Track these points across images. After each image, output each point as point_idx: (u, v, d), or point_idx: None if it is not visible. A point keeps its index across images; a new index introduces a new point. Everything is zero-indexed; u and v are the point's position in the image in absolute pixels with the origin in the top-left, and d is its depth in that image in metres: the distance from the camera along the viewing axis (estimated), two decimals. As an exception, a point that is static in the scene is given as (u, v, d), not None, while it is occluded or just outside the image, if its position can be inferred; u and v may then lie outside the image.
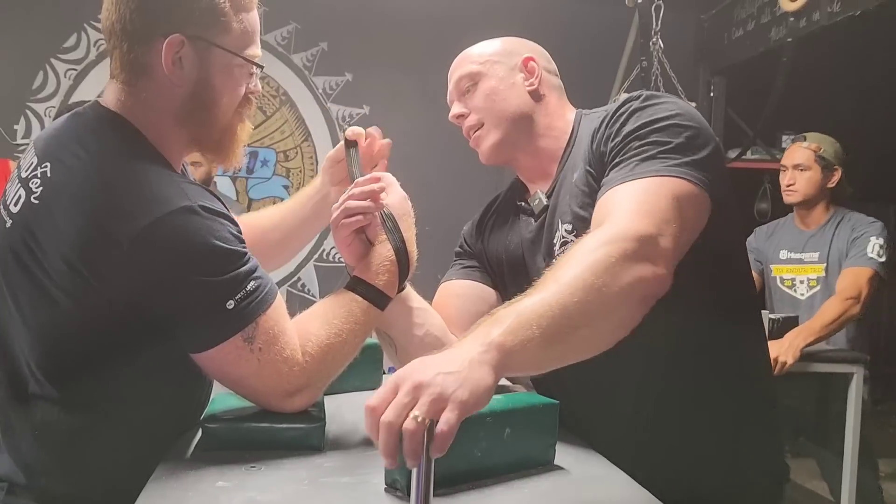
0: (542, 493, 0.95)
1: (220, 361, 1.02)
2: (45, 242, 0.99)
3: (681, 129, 1.08)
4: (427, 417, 0.72)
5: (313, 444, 1.06)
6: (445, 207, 1.51)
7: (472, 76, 1.30)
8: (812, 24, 2.95)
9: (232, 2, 1.07)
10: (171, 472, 0.97)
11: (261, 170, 3.72)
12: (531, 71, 1.30)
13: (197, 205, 0.99)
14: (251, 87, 1.15)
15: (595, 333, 0.87)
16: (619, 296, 0.87)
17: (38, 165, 1.04)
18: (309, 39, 3.68)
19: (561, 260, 0.91)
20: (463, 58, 1.33)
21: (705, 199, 1.04)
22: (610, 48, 3.58)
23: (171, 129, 1.09)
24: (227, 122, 1.13)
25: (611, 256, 0.88)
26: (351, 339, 1.09)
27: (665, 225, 0.96)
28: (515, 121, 1.28)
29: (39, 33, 3.46)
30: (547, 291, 0.85)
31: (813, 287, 2.84)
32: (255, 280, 1.02)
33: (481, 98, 1.29)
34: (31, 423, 1.04)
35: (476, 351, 0.79)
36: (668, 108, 1.12)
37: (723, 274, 1.16)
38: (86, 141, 1.04)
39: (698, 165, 1.05)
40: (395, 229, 1.15)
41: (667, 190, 1.01)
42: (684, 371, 1.16)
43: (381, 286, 1.13)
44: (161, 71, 1.05)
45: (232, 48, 1.09)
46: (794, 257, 2.90)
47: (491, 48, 1.32)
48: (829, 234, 2.82)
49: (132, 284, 0.97)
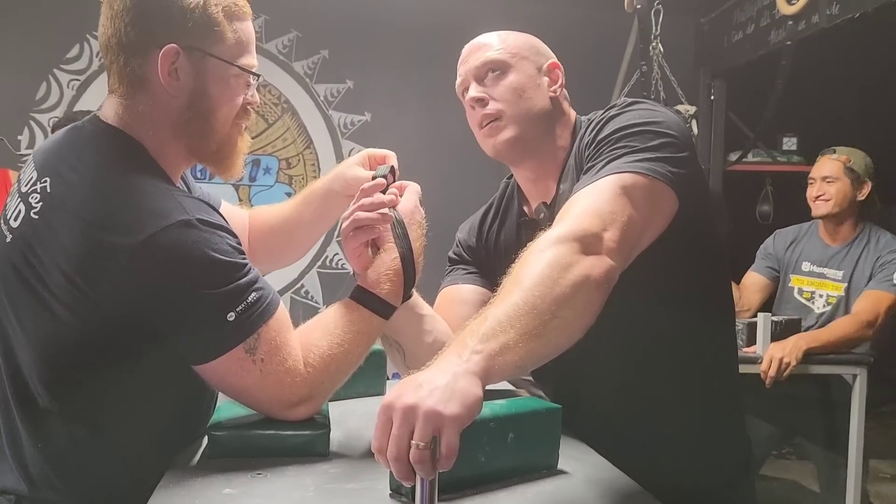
0: (546, 497, 0.96)
1: (222, 373, 1.02)
2: (44, 257, 1.00)
3: (652, 136, 1.11)
4: (428, 441, 0.73)
5: (318, 451, 1.07)
6: (447, 213, 1.51)
7: (500, 64, 1.26)
8: (811, 26, 2.96)
9: (226, 12, 1.08)
10: (177, 479, 0.98)
11: (263, 178, 3.74)
12: (555, 78, 1.30)
13: (195, 218, 1.00)
14: (249, 98, 1.15)
15: (564, 322, 0.89)
16: (574, 285, 0.90)
17: (37, 180, 1.05)
18: (310, 47, 3.70)
19: (516, 264, 0.94)
20: (485, 43, 1.29)
21: (665, 189, 1.07)
22: (610, 53, 3.59)
23: (169, 141, 1.10)
24: (225, 132, 1.13)
25: (559, 254, 0.92)
26: (354, 350, 1.10)
27: (611, 219, 0.99)
28: (535, 122, 1.27)
29: (42, 44, 3.48)
30: (512, 294, 0.88)
31: (830, 303, 2.77)
32: (256, 291, 1.02)
33: (507, 91, 1.26)
34: (35, 436, 1.05)
35: (458, 363, 0.79)
36: (644, 114, 1.15)
37: (695, 274, 1.19)
38: (85, 155, 1.05)
39: (661, 161, 1.08)
40: (403, 236, 1.14)
41: (617, 186, 1.04)
42: (656, 364, 1.20)
43: (384, 295, 1.13)
44: (158, 83, 1.06)
45: (227, 58, 1.09)
46: (817, 271, 2.83)
47: (518, 41, 1.30)
48: (857, 253, 2.75)
49: (132, 298, 0.97)
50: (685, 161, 1.11)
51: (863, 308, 2.63)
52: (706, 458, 1.23)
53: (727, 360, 1.33)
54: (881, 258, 2.69)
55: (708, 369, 1.25)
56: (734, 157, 3.74)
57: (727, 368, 1.32)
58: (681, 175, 1.08)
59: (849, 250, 2.77)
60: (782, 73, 3.12)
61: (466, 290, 1.38)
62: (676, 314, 1.16)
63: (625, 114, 1.17)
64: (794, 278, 2.90)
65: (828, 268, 2.81)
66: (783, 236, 2.99)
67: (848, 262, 2.76)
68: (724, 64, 3.67)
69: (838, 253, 2.79)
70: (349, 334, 1.09)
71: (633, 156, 1.08)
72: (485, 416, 0.96)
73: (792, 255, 2.91)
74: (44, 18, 3.46)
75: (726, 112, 3.73)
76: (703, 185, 1.22)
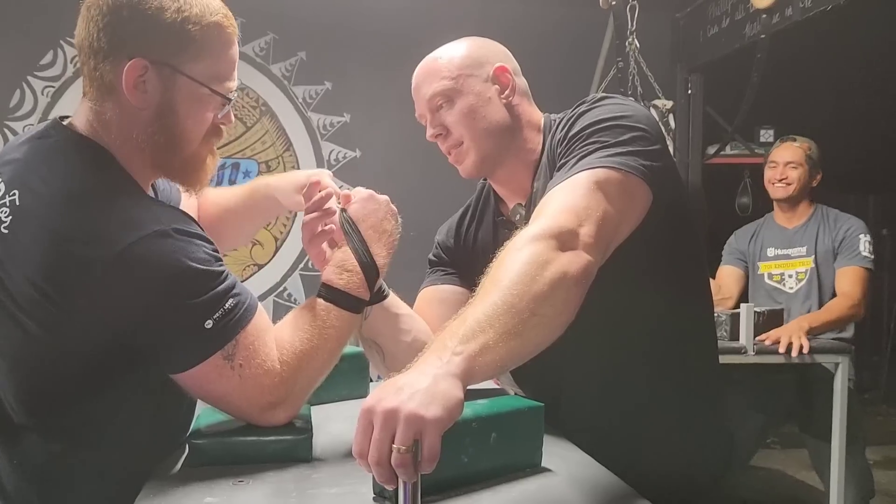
0: (530, 495, 0.96)
1: (200, 380, 1.01)
2: (14, 272, 0.98)
3: (623, 130, 1.12)
4: (409, 445, 0.73)
5: (301, 456, 1.06)
6: (428, 212, 1.52)
7: (447, 93, 1.26)
8: (785, 19, 2.98)
9: (205, 31, 1.06)
10: (158, 489, 0.96)
11: (243, 181, 3.71)
12: (505, 82, 1.28)
13: (171, 228, 0.99)
14: (220, 119, 1.12)
15: (543, 320, 0.89)
16: (552, 282, 0.91)
17: (6, 193, 1.02)
18: (287, 49, 3.68)
19: (494, 264, 0.95)
20: (430, 70, 1.29)
21: (638, 183, 1.08)
22: (586, 50, 3.60)
23: (136, 152, 1.08)
24: (192, 150, 1.10)
25: (536, 251, 0.93)
26: (323, 345, 1.09)
27: (586, 215, 1.00)
28: (496, 136, 1.27)
29: (15, 51, 3.43)
30: (490, 294, 0.88)
31: (801, 280, 2.95)
32: (233, 297, 1.01)
33: (459, 117, 1.26)
34: (10, 452, 1.03)
35: (438, 365, 0.79)
36: (614, 109, 1.16)
37: (672, 268, 1.20)
38: (54, 166, 1.03)
39: (633, 155, 1.09)
40: (352, 231, 1.17)
41: (591, 182, 1.05)
42: (635, 358, 1.21)
43: (343, 286, 1.13)
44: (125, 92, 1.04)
45: (200, 77, 1.06)
46: (781, 253, 3.02)
47: (459, 58, 1.28)
48: (815, 229, 2.96)
49: (107, 310, 0.96)
50: (657, 154, 1.12)
51: (847, 287, 2.82)
52: (688, 452, 1.24)
53: (707, 353, 1.33)
54: (840, 234, 2.90)
55: (688, 361, 1.26)
56: (712, 151, 3.76)
57: (707, 361, 1.33)
58: (653, 168, 1.09)
59: (806, 228, 2.99)
60: (758, 66, 3.14)
61: (445, 291, 1.39)
62: (654, 307, 1.17)
63: (594, 109, 1.17)
64: (761, 265, 3.06)
65: (791, 248, 3.00)
66: (743, 233, 3.19)
67: (808, 237, 2.96)
68: (700, 58, 3.69)
69: (797, 232, 3.00)
70: (316, 329, 1.09)
71: (605, 151, 1.09)
72: (467, 416, 0.95)
73: (755, 246, 3.09)
74: (16, 25, 3.41)
75: (703, 106, 3.75)
76: (676, 176, 1.23)
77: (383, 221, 1.20)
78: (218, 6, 1.09)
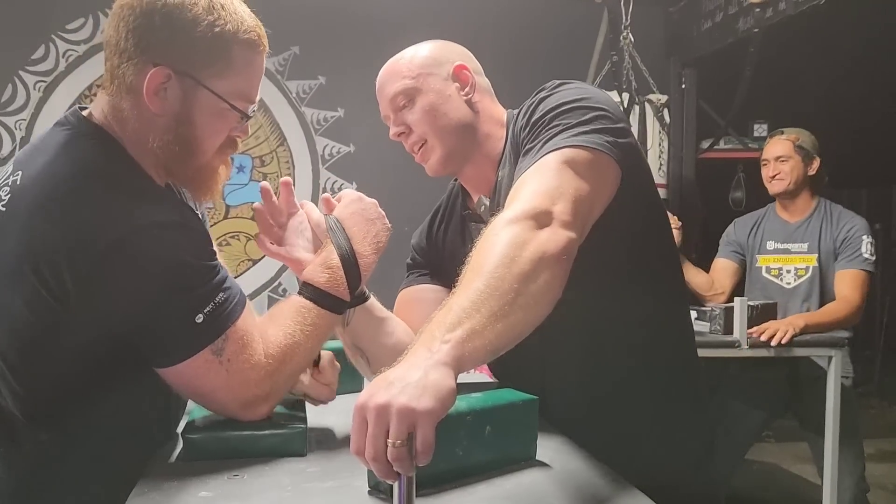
0: (525, 488, 0.96)
1: (188, 376, 1.01)
2: (8, 253, 0.98)
3: (585, 110, 1.13)
4: (404, 438, 0.73)
5: (296, 450, 1.06)
6: (422, 207, 1.52)
7: (407, 92, 1.28)
8: (778, 13, 2.98)
9: (234, 48, 1.05)
10: (153, 484, 0.96)
11: (237, 176, 3.70)
12: (465, 80, 1.30)
13: (168, 220, 0.98)
14: (236, 132, 1.12)
15: (529, 299, 0.89)
16: (533, 260, 0.91)
17: (11, 174, 1.03)
18: (280, 44, 3.66)
19: (473, 252, 0.95)
20: (392, 71, 1.31)
21: (606, 159, 1.09)
22: (580, 45, 3.59)
23: (148, 151, 1.07)
24: (205, 160, 1.10)
25: (514, 233, 0.93)
26: (304, 342, 1.09)
27: (558, 193, 1.01)
28: (458, 133, 1.28)
29: (6, 46, 3.41)
30: (473, 280, 0.88)
31: (801, 276, 2.90)
32: (224, 292, 1.01)
33: (420, 114, 1.28)
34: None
35: (427, 356, 0.79)
36: (574, 92, 1.17)
37: (645, 245, 1.22)
38: (61, 151, 1.02)
39: (598, 132, 1.09)
40: (336, 228, 1.18)
41: (559, 162, 1.06)
42: (610, 345, 1.22)
43: (322, 285, 1.13)
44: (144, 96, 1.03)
45: (223, 93, 1.06)
46: (782, 247, 2.96)
47: (419, 58, 1.30)
48: (817, 226, 2.91)
49: (99, 298, 0.96)
50: (621, 131, 1.13)
51: (847, 291, 2.77)
52: (667, 437, 1.24)
53: (682, 335, 1.33)
54: (842, 234, 2.85)
55: (664, 346, 1.26)
56: (706, 145, 3.76)
57: (684, 346, 1.33)
58: (619, 144, 1.10)
59: (809, 223, 2.93)
60: (751, 60, 3.15)
61: (422, 290, 1.40)
62: (628, 290, 1.18)
63: (555, 94, 1.19)
64: (760, 258, 3.01)
65: (791, 243, 2.94)
66: (743, 223, 3.11)
67: (811, 234, 2.91)
68: (693, 53, 3.69)
69: (799, 227, 2.94)
70: (297, 325, 1.09)
71: (569, 131, 1.10)
72: (461, 409, 0.96)
73: (755, 239, 3.04)
74: (7, 19, 3.39)
75: (697, 100, 3.75)
76: (640, 155, 1.23)
77: (370, 222, 1.20)
78: (252, 23, 1.09)
